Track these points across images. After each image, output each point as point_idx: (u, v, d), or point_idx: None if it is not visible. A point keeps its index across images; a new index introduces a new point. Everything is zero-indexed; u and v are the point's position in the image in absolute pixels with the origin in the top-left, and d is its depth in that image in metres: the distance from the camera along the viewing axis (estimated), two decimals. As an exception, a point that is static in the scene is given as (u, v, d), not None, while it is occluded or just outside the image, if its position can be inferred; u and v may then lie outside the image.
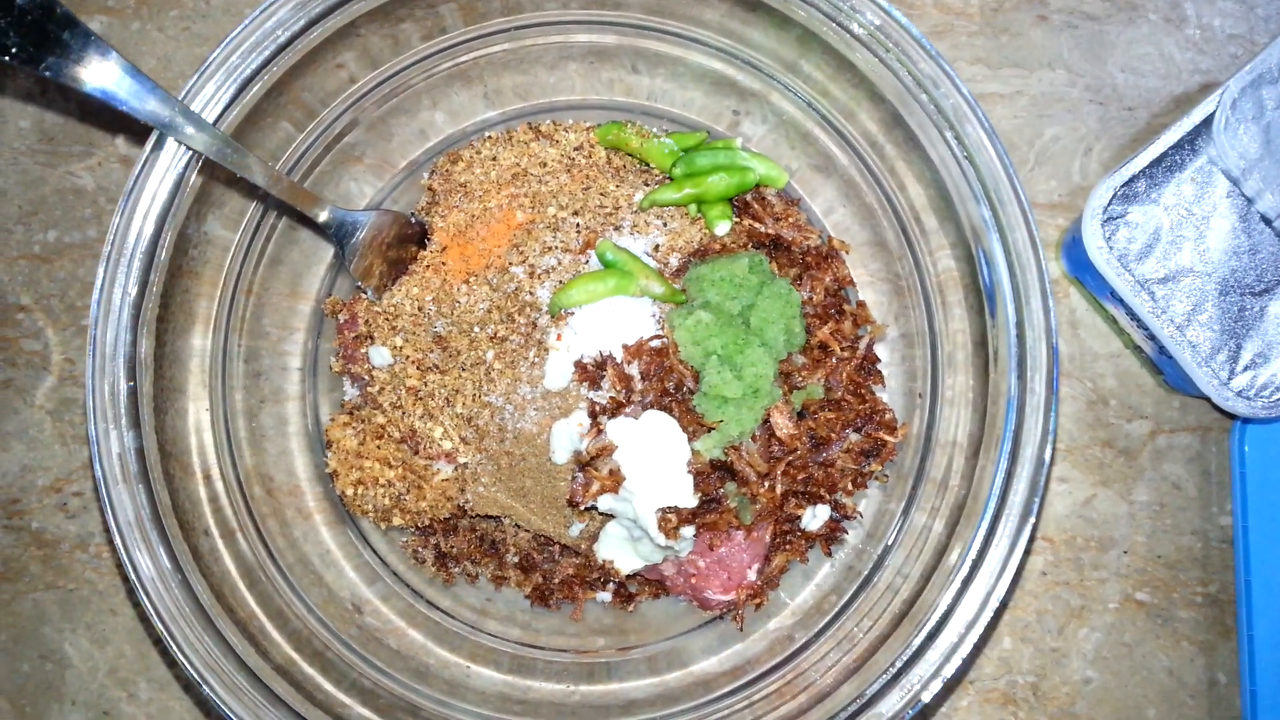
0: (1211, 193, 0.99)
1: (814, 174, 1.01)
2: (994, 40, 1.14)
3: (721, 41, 0.94)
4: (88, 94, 0.76)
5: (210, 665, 0.78)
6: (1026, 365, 0.79)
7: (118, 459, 0.80)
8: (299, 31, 0.83)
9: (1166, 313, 0.99)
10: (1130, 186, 0.99)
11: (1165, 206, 0.99)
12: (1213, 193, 0.99)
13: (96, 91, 0.76)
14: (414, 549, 1.05)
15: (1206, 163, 0.99)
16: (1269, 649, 1.04)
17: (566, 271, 0.97)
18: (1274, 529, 1.05)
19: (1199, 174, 0.99)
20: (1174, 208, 0.99)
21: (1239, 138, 0.96)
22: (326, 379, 1.06)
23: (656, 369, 0.94)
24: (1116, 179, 0.99)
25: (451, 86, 1.01)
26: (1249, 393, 0.99)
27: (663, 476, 0.90)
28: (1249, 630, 1.04)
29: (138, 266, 0.81)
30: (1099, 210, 0.98)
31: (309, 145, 0.95)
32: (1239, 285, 0.99)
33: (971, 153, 0.79)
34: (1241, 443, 1.06)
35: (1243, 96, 0.96)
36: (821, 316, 0.98)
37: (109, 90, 0.76)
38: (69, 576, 1.13)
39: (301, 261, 1.02)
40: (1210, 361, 0.99)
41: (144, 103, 0.77)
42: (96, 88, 0.76)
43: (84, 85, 0.75)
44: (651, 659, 1.01)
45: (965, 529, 0.82)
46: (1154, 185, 0.99)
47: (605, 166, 1.03)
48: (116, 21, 1.18)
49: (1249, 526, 1.05)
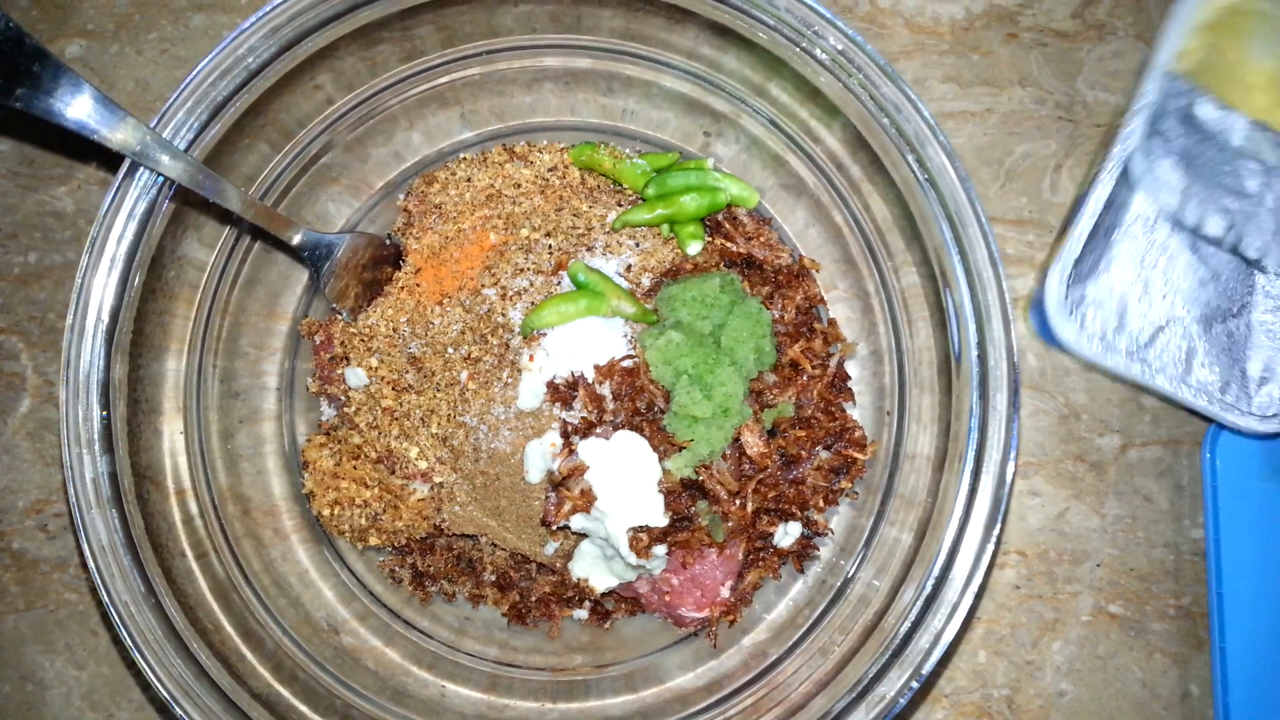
0: (1155, 238, 0.99)
1: (784, 194, 1.02)
2: (964, 59, 1.16)
3: (692, 65, 0.95)
4: (64, 127, 0.77)
5: (184, 690, 0.79)
6: (988, 383, 0.80)
7: (91, 484, 0.80)
8: (271, 57, 0.84)
9: (1164, 370, 0.99)
10: (1078, 269, 0.99)
11: (1119, 271, 1.00)
12: (1156, 238, 0.99)
13: (69, 122, 0.77)
14: (391, 568, 1.06)
15: (1136, 214, 0.99)
16: (1241, 660, 1.05)
17: (539, 293, 0.98)
18: (1245, 540, 1.07)
19: (1135, 226, 1.00)
20: (1128, 268, 0.99)
21: (1161, 175, 0.97)
22: (303, 399, 1.07)
23: (628, 389, 0.95)
24: (1061, 270, 0.99)
25: (428, 108, 1.03)
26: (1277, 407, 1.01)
27: (634, 496, 0.91)
28: (1221, 642, 1.05)
29: (111, 291, 0.82)
30: (1062, 303, 0.98)
31: (285, 166, 0.96)
32: (1217, 313, 0.99)
33: (933, 175, 0.81)
34: (1212, 455, 1.07)
35: (1148, 139, 0.96)
36: (793, 335, 1.00)
37: (81, 120, 0.77)
38: (48, 598, 1.13)
39: (278, 282, 1.03)
40: (1225, 396, 0.99)
41: (115, 132, 0.78)
42: (69, 118, 0.77)
43: (56, 116, 0.76)
44: (628, 676, 1.02)
45: (932, 542, 0.83)
46: (1098, 256, 1.00)
47: (579, 187, 1.04)
48: (95, 44, 1.18)
49: (1220, 539, 1.06)
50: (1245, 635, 1.05)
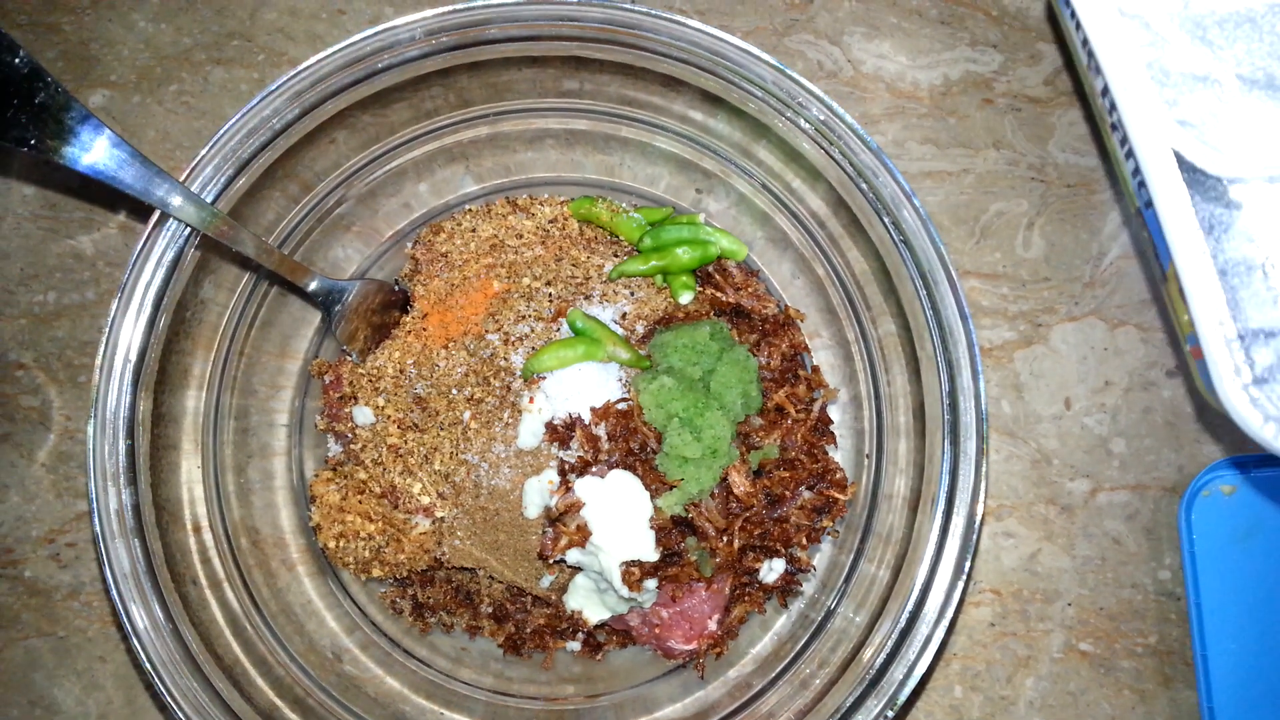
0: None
1: (771, 248, 1.08)
2: (942, 122, 1.23)
3: (685, 128, 1.01)
4: (101, 180, 0.82)
5: (199, 711, 0.83)
6: (958, 428, 0.85)
7: (115, 515, 0.85)
8: (295, 119, 0.90)
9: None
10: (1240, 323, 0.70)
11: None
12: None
13: (105, 177, 0.83)
14: (392, 599, 1.10)
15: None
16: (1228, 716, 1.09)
17: (539, 338, 1.03)
18: (1224, 598, 1.10)
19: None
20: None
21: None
22: (312, 436, 1.12)
23: (622, 430, 1.00)
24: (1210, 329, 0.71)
25: (436, 162, 1.08)
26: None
27: (627, 532, 0.96)
28: (1209, 702, 1.08)
29: (139, 333, 0.87)
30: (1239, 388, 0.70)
31: (303, 217, 1.01)
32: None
33: (907, 235, 0.87)
34: (1188, 518, 1.11)
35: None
36: (778, 380, 1.05)
37: (117, 176, 0.83)
38: (60, 624, 1.17)
39: (291, 325, 1.08)
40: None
41: (150, 185, 0.84)
42: (107, 174, 0.83)
43: (96, 172, 0.82)
44: (618, 706, 1.06)
45: (907, 578, 0.87)
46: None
47: (577, 238, 1.10)
48: (118, 95, 1.24)
49: (1200, 599, 1.10)
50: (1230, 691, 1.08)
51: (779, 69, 0.88)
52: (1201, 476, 1.12)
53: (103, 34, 1.24)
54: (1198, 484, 1.12)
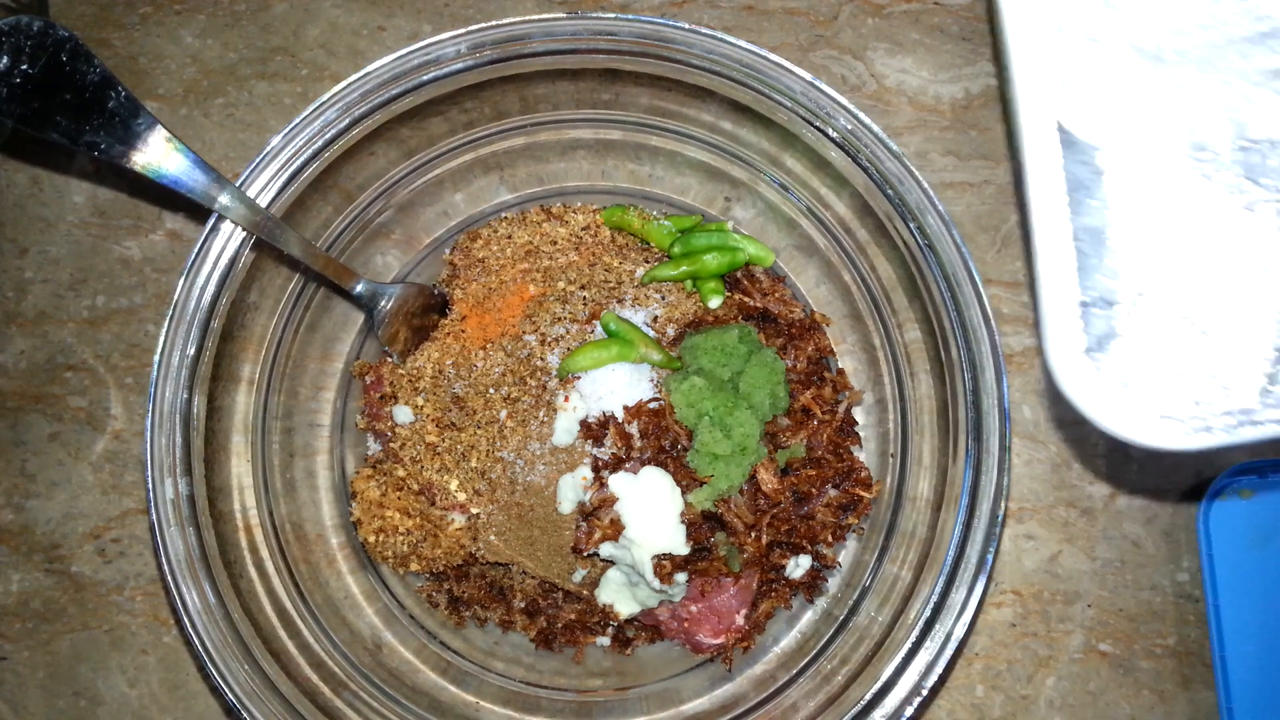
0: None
1: (798, 254, 1.11)
2: (964, 134, 1.25)
3: (714, 138, 1.04)
4: (163, 184, 0.87)
5: (250, 692, 0.86)
6: (982, 429, 0.88)
7: (171, 504, 0.89)
8: (343, 131, 0.93)
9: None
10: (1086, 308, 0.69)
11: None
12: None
13: (168, 181, 0.87)
14: (429, 593, 1.14)
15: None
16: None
17: (574, 340, 1.07)
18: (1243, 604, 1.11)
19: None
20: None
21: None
22: (353, 435, 1.15)
23: (654, 428, 1.03)
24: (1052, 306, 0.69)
25: (472, 172, 1.11)
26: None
27: (658, 526, 0.99)
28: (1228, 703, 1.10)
29: (195, 332, 0.91)
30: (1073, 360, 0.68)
31: (346, 225, 1.04)
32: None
33: (932, 241, 0.89)
34: (1207, 527, 1.12)
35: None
36: (804, 383, 1.08)
37: (181, 180, 0.87)
38: (104, 619, 1.21)
39: (334, 328, 1.12)
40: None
41: (210, 190, 0.88)
42: (171, 179, 0.87)
43: (160, 176, 0.86)
44: (646, 699, 1.08)
45: (929, 576, 0.89)
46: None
47: (610, 245, 1.13)
48: (166, 107, 1.28)
49: (1220, 605, 1.11)
50: (1249, 692, 1.10)
51: (810, 82, 0.91)
52: (1219, 480, 1.14)
53: (151, 49, 1.28)
54: (1216, 488, 1.14)
